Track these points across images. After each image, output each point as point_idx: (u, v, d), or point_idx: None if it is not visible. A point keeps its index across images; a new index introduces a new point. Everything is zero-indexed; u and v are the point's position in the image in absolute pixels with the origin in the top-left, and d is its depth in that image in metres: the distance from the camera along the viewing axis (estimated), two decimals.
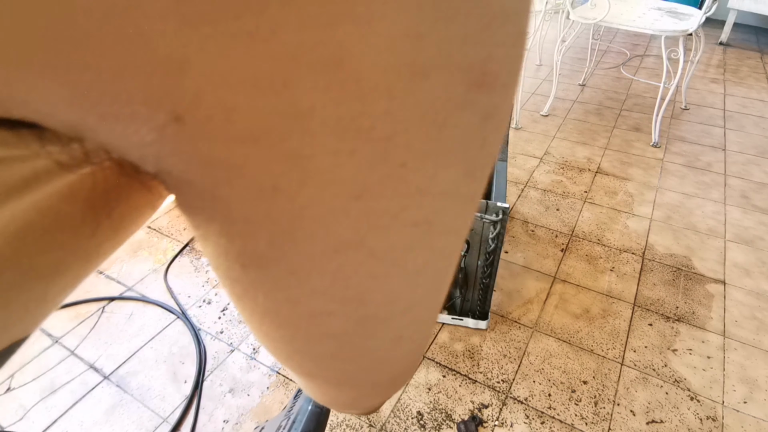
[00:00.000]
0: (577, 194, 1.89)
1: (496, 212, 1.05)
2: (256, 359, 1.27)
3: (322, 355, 0.20)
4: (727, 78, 2.94)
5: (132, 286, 1.51)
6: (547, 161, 2.11)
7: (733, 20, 3.44)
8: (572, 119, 2.46)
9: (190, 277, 1.54)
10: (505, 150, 1.27)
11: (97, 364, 1.27)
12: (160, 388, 1.20)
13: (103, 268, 1.58)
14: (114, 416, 1.14)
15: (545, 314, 1.38)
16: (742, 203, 1.83)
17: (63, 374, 1.24)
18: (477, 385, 1.19)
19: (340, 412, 0.39)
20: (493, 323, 1.35)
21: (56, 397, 1.19)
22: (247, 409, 1.15)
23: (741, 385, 1.18)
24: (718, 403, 1.15)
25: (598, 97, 2.69)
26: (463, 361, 1.25)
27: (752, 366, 1.23)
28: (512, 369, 1.23)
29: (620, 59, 3.16)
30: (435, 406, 1.15)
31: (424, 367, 1.24)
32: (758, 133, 2.33)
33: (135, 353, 1.29)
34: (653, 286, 1.47)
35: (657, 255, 1.58)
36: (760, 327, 1.33)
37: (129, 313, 1.41)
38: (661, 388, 1.18)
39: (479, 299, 1.24)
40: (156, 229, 1.76)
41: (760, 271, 1.51)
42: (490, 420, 1.12)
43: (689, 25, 2.00)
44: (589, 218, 1.76)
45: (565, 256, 1.59)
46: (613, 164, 2.07)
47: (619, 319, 1.36)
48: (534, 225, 1.73)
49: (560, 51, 2.39)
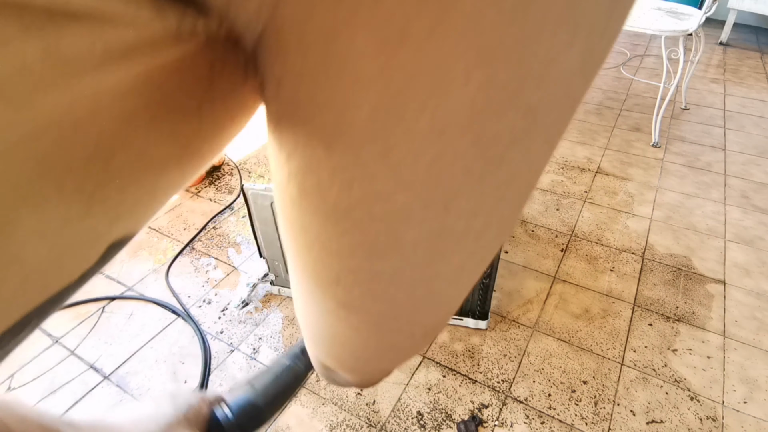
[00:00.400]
0: (577, 194, 1.89)
1: None
2: (256, 359, 1.27)
3: (381, 275, 0.18)
4: (727, 78, 2.94)
5: (132, 286, 1.51)
6: None
7: (733, 20, 3.44)
8: (572, 119, 2.46)
9: (190, 277, 1.54)
10: None
11: (97, 364, 1.27)
12: (160, 388, 1.20)
13: (102, 268, 1.58)
14: None
15: (545, 314, 1.38)
16: (742, 203, 1.83)
17: (63, 374, 1.25)
18: (477, 385, 1.19)
19: (341, 382, 0.32)
20: (493, 323, 1.35)
21: (56, 397, 1.19)
22: None
23: (741, 385, 1.18)
24: (718, 403, 1.15)
25: (598, 97, 2.69)
26: (463, 361, 1.25)
27: (752, 366, 1.23)
28: (512, 369, 1.23)
29: (620, 59, 3.16)
30: (435, 406, 1.15)
31: (424, 367, 1.24)
32: (758, 133, 2.33)
33: (135, 353, 1.29)
34: (653, 286, 1.47)
35: (657, 255, 1.58)
36: (760, 327, 1.33)
37: (129, 313, 1.41)
38: (661, 388, 1.18)
39: (479, 299, 1.24)
40: (156, 229, 1.76)
41: (760, 271, 1.51)
42: (490, 420, 1.12)
43: (689, 25, 2.00)
44: (589, 218, 1.76)
45: (565, 256, 1.59)
46: (613, 164, 2.07)
47: (619, 319, 1.36)
48: (534, 225, 1.73)
49: None
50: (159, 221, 1.79)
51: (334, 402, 1.16)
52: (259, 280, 1.49)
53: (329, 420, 1.12)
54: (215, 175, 2.06)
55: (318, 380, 1.21)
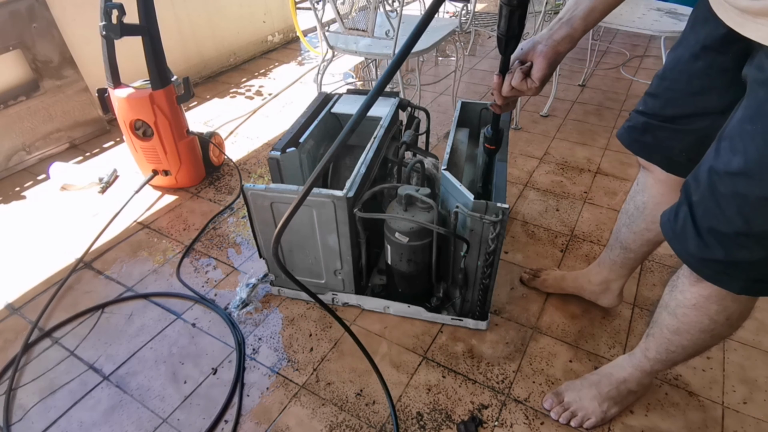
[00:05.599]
0: (576, 194, 1.89)
1: (496, 213, 1.05)
2: (256, 359, 1.27)
3: None
4: None
5: (132, 286, 1.51)
6: (546, 162, 2.11)
7: None
8: (572, 120, 2.46)
9: (190, 277, 1.54)
10: (504, 150, 1.27)
11: (97, 364, 1.27)
12: (160, 388, 1.20)
13: (103, 268, 1.58)
14: (114, 416, 1.14)
15: (545, 314, 1.38)
16: None
17: (63, 374, 1.24)
18: (477, 385, 1.19)
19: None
20: (493, 324, 1.35)
21: (56, 397, 1.19)
22: (247, 410, 1.15)
23: (741, 386, 1.18)
24: (718, 404, 1.15)
25: (598, 97, 2.69)
26: (463, 362, 1.25)
27: (752, 366, 1.23)
28: (512, 369, 1.23)
29: (620, 60, 3.16)
30: (435, 406, 1.15)
31: (424, 367, 1.24)
32: None
33: (135, 353, 1.29)
34: (653, 286, 1.47)
35: (656, 255, 1.58)
36: (759, 327, 1.33)
37: (128, 314, 1.41)
38: (661, 388, 1.18)
39: (479, 300, 1.24)
40: (156, 229, 1.76)
41: None
42: (490, 420, 1.12)
43: None
44: (589, 218, 1.76)
45: (565, 256, 1.59)
46: (613, 164, 2.07)
47: (619, 319, 1.36)
48: (534, 225, 1.73)
49: None
50: (159, 221, 1.79)
51: (333, 402, 1.16)
52: (258, 280, 1.49)
53: (329, 420, 1.12)
54: (215, 175, 2.06)
55: (318, 380, 1.21)
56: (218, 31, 3.05)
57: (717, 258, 0.71)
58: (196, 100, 2.77)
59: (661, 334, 0.94)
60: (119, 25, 1.55)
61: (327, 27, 2.18)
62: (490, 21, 2.74)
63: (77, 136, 2.33)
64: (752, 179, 0.62)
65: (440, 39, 2.04)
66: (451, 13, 3.68)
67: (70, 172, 2.03)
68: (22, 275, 1.57)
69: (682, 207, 0.74)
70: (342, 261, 1.28)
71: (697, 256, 0.74)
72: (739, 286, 0.74)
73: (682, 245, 0.75)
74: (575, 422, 1.09)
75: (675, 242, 0.77)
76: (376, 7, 1.88)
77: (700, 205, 0.71)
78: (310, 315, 1.39)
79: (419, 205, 1.18)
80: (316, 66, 3.00)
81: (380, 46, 1.96)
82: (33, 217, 1.85)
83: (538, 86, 0.79)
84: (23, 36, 2.05)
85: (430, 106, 2.62)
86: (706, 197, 0.69)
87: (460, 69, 2.46)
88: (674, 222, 0.76)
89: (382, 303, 1.37)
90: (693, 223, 0.72)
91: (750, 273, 0.71)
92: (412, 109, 1.58)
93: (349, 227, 1.19)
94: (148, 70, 1.68)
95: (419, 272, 1.27)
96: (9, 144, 2.10)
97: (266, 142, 2.32)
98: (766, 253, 0.67)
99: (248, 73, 3.14)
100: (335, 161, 1.43)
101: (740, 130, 0.64)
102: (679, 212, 0.75)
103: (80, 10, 2.24)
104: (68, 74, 2.23)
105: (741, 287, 0.74)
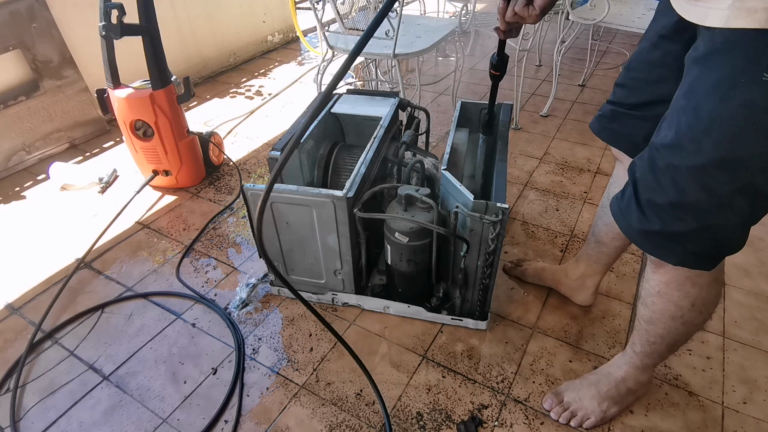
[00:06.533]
0: (576, 194, 1.89)
1: (495, 213, 1.05)
2: (256, 359, 1.27)
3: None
4: None
5: (132, 286, 1.51)
6: (546, 162, 2.11)
7: None
8: (572, 120, 2.46)
9: (190, 277, 1.54)
10: (504, 150, 1.27)
11: (97, 364, 1.27)
12: (160, 388, 1.20)
13: (102, 268, 1.58)
14: (113, 416, 1.14)
15: (545, 314, 1.38)
16: None
17: (63, 374, 1.24)
18: (476, 385, 1.19)
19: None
20: (493, 324, 1.35)
21: (56, 397, 1.19)
22: (247, 410, 1.15)
23: (741, 386, 1.18)
24: (718, 404, 1.15)
25: (598, 97, 2.69)
26: (462, 362, 1.25)
27: (752, 366, 1.23)
28: (512, 369, 1.23)
29: (620, 60, 3.17)
30: (435, 406, 1.15)
31: (424, 367, 1.24)
32: None
33: (134, 354, 1.29)
34: None
35: None
36: (759, 328, 1.33)
37: (128, 314, 1.41)
38: (661, 388, 1.18)
39: (479, 300, 1.24)
40: (156, 229, 1.76)
41: (760, 272, 1.51)
42: (490, 420, 1.12)
43: None
44: (589, 219, 1.76)
45: (565, 256, 1.59)
46: (613, 165, 2.07)
47: (618, 319, 1.36)
48: (533, 225, 1.73)
49: (560, 52, 2.39)
50: (159, 221, 1.79)
51: (333, 402, 1.16)
52: (258, 280, 1.49)
53: (329, 420, 1.12)
54: (215, 175, 2.06)
55: (318, 381, 1.21)
56: (218, 31, 3.05)
57: (654, 229, 0.75)
58: (196, 100, 2.77)
59: (639, 326, 0.98)
60: (119, 25, 1.55)
61: (327, 27, 2.19)
62: (490, 21, 2.74)
63: (77, 136, 2.33)
64: (683, 150, 0.66)
65: (440, 39, 2.04)
66: (450, 13, 3.68)
67: (70, 172, 2.03)
68: (22, 275, 1.57)
69: (628, 186, 0.79)
70: (342, 261, 1.28)
71: (637, 228, 0.77)
72: (677, 258, 0.77)
73: (627, 220, 0.79)
74: (575, 422, 1.09)
75: (620, 218, 0.81)
76: (376, 7, 1.88)
77: (641, 179, 0.75)
78: (310, 315, 1.39)
79: (419, 205, 1.18)
80: (316, 66, 3.00)
81: (380, 46, 1.96)
82: (33, 217, 1.85)
83: (539, 14, 0.83)
84: (23, 36, 2.05)
85: (430, 106, 2.62)
86: (646, 171, 0.73)
87: (460, 69, 2.46)
88: (620, 200, 0.81)
89: (382, 303, 1.37)
90: (635, 198, 0.76)
91: (686, 245, 0.74)
92: (412, 109, 1.58)
93: (349, 227, 1.19)
94: (149, 70, 1.68)
95: (419, 272, 1.27)
96: (9, 144, 2.10)
97: (266, 142, 2.32)
98: (698, 224, 0.71)
99: (248, 73, 3.14)
100: (335, 161, 1.43)
101: (675, 105, 0.68)
102: (626, 191, 0.79)
103: (80, 10, 2.24)
104: (68, 74, 2.23)
105: (678, 259, 0.78)
